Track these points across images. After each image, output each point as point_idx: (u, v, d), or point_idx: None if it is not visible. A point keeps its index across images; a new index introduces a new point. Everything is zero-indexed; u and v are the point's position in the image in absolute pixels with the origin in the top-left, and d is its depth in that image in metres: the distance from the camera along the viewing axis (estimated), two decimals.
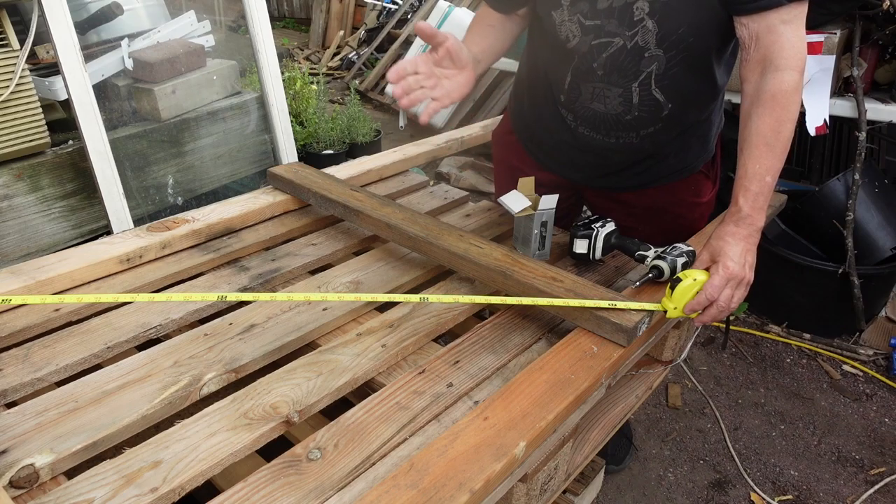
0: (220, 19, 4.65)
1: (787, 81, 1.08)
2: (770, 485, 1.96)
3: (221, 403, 0.92)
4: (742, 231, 1.07)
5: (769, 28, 1.09)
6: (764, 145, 1.08)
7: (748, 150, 1.10)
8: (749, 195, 1.08)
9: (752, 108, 1.11)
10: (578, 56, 1.25)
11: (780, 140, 1.08)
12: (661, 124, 1.32)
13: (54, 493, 0.78)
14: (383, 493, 0.74)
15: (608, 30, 1.19)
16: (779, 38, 1.09)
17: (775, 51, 1.09)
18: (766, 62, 1.10)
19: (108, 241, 1.29)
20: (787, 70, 1.09)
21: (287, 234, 1.45)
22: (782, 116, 1.08)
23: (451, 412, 0.93)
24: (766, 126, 1.08)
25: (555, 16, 1.22)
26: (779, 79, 1.09)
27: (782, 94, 1.08)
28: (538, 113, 1.45)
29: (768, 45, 1.10)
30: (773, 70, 1.09)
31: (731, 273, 1.04)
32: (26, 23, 2.11)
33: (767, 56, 1.10)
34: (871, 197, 2.51)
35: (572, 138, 1.40)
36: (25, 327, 1.08)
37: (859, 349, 2.52)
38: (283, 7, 8.35)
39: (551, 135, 1.45)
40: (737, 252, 1.06)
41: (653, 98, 1.27)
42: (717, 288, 1.04)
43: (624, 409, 1.32)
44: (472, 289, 1.24)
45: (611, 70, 1.24)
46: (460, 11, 4.45)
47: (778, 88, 1.08)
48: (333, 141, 3.80)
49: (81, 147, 2.21)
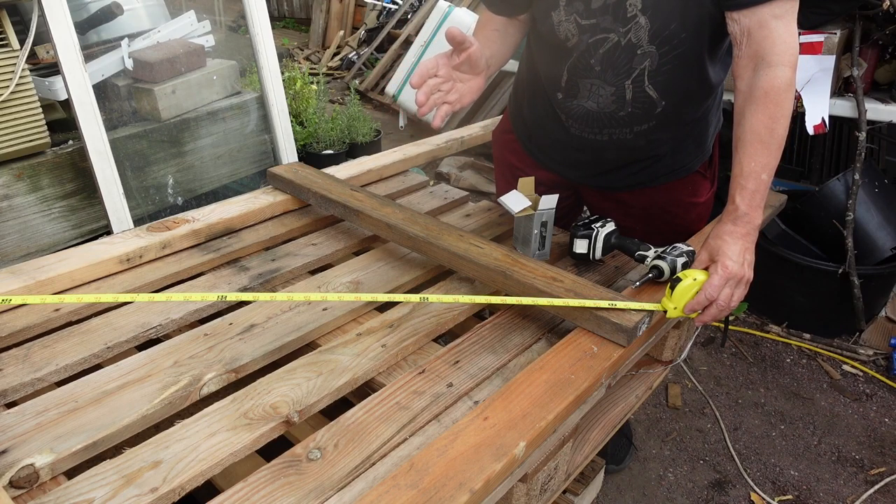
0: (220, 19, 4.65)
1: (780, 77, 1.08)
2: (770, 485, 1.96)
3: (221, 403, 0.92)
4: (740, 229, 1.07)
5: (760, 23, 1.09)
6: (759, 143, 1.08)
7: (743, 148, 1.09)
8: (746, 193, 1.08)
9: (745, 105, 1.11)
10: (577, 54, 1.25)
11: (774, 137, 1.08)
12: (655, 122, 1.32)
13: (54, 493, 0.78)
14: (383, 493, 0.74)
15: (603, 26, 1.19)
16: (770, 34, 1.09)
17: (767, 46, 1.09)
18: (758, 58, 1.10)
19: (108, 241, 1.30)
20: (780, 66, 1.08)
21: (287, 234, 1.45)
22: (776, 113, 1.08)
23: (451, 412, 0.93)
24: (760, 123, 1.08)
25: (553, 16, 1.23)
26: (771, 75, 1.08)
27: (775, 91, 1.08)
28: (535, 112, 1.45)
29: (760, 41, 1.09)
30: (766, 66, 1.09)
31: (730, 272, 1.04)
32: (26, 23, 2.11)
33: (759, 52, 1.10)
34: (871, 197, 2.51)
35: (567, 137, 1.41)
36: (25, 327, 1.08)
37: (859, 349, 2.52)
38: (283, 7, 8.35)
39: (548, 134, 1.46)
40: (735, 251, 1.05)
41: (646, 95, 1.27)
42: (716, 287, 1.04)
43: (624, 409, 1.32)
44: (472, 289, 1.24)
45: (606, 66, 1.24)
46: (460, 11, 4.45)
47: (771, 85, 1.08)
48: (333, 141, 3.80)
49: (81, 147, 2.21)
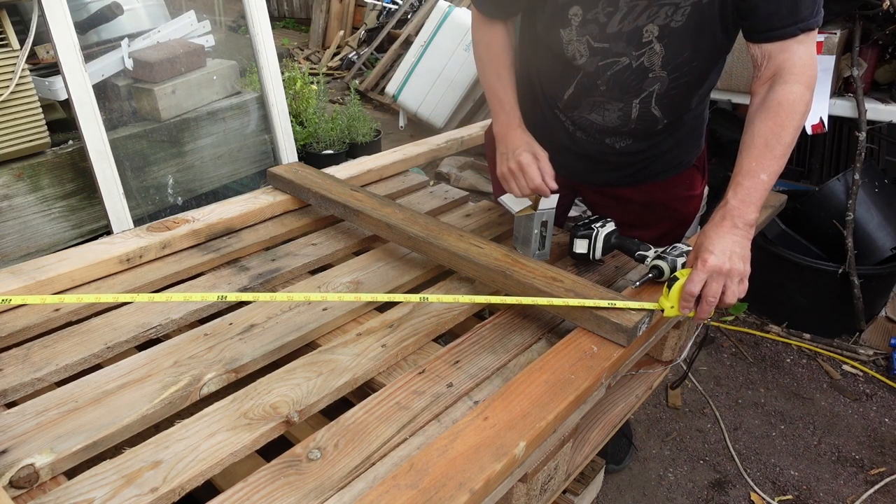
0: (220, 19, 4.65)
1: (795, 92, 1.11)
2: (770, 485, 1.96)
3: (221, 403, 0.92)
4: (727, 224, 1.06)
5: (783, 48, 1.13)
6: (763, 145, 1.08)
7: (746, 150, 1.10)
8: (739, 189, 1.07)
9: (756, 113, 1.13)
10: (584, 73, 1.26)
11: (780, 142, 1.09)
12: (658, 135, 1.36)
13: (54, 493, 0.78)
14: (383, 493, 0.74)
15: (616, 51, 1.21)
16: (791, 56, 1.12)
17: (787, 67, 1.12)
18: (776, 77, 1.13)
19: (108, 241, 1.30)
20: (796, 84, 1.11)
21: (287, 234, 1.45)
22: (785, 122, 1.09)
23: (451, 412, 0.93)
24: (768, 128, 1.09)
25: (562, 34, 1.23)
26: (787, 90, 1.11)
27: (788, 103, 1.10)
28: (535, 116, 1.45)
29: (780, 63, 1.13)
30: (782, 83, 1.12)
31: (709, 266, 1.01)
32: (26, 23, 2.10)
33: (778, 72, 1.13)
34: (871, 197, 2.51)
35: (570, 141, 1.42)
36: (25, 327, 1.08)
37: (859, 349, 2.52)
38: (283, 7, 8.35)
39: (549, 136, 1.45)
40: (718, 245, 1.03)
41: (651, 114, 1.30)
42: (696, 283, 1.02)
43: (624, 409, 1.32)
44: (472, 289, 1.24)
45: (613, 86, 1.26)
46: (460, 11, 4.45)
47: (785, 98, 1.10)
48: (333, 141, 3.80)
49: (81, 147, 2.21)
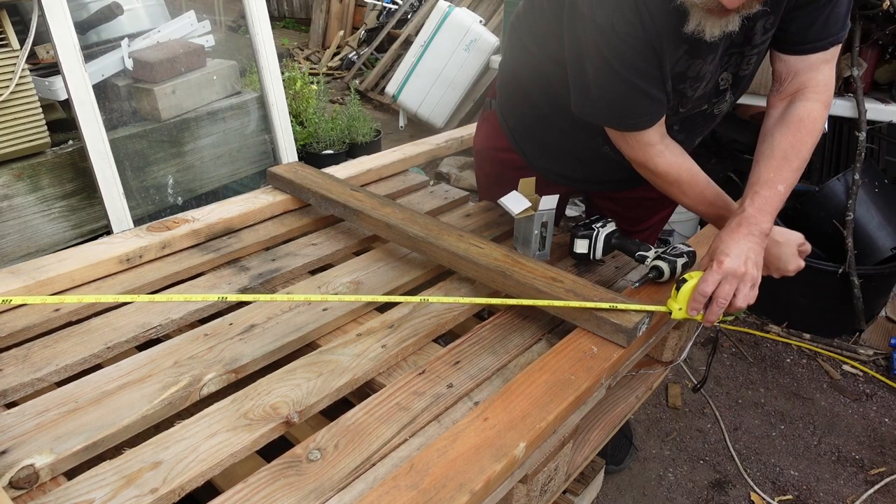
0: (220, 19, 4.65)
1: (816, 110, 1.14)
2: (770, 485, 1.96)
3: (221, 404, 0.92)
4: (743, 230, 1.07)
5: (811, 66, 1.15)
6: (782, 158, 1.11)
7: (765, 161, 1.12)
8: (756, 198, 1.09)
9: (775, 126, 1.15)
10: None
11: (798, 156, 1.12)
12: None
13: (54, 493, 0.78)
14: (383, 494, 0.74)
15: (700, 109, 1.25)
16: (816, 75, 1.15)
17: (810, 86, 1.15)
18: (798, 94, 1.16)
19: (108, 241, 1.29)
20: (817, 101, 1.15)
21: (287, 234, 1.45)
22: (805, 138, 1.13)
23: (451, 413, 0.93)
24: (787, 142, 1.12)
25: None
26: (809, 107, 1.14)
27: (810, 120, 1.13)
28: (569, 144, 1.40)
29: (805, 81, 1.16)
30: (804, 100, 1.15)
31: (725, 268, 1.03)
32: (26, 23, 2.10)
33: (800, 89, 1.16)
34: (871, 197, 2.51)
35: (591, 153, 1.38)
36: (25, 327, 1.08)
37: (859, 349, 2.52)
38: (283, 7, 8.34)
39: (579, 158, 1.43)
40: (734, 249, 1.04)
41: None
42: (709, 283, 1.03)
43: (624, 410, 1.32)
44: (471, 289, 1.24)
45: (683, 129, 1.29)
46: (460, 11, 4.44)
47: (807, 115, 1.14)
48: (333, 141, 3.80)
49: (81, 147, 2.21)
